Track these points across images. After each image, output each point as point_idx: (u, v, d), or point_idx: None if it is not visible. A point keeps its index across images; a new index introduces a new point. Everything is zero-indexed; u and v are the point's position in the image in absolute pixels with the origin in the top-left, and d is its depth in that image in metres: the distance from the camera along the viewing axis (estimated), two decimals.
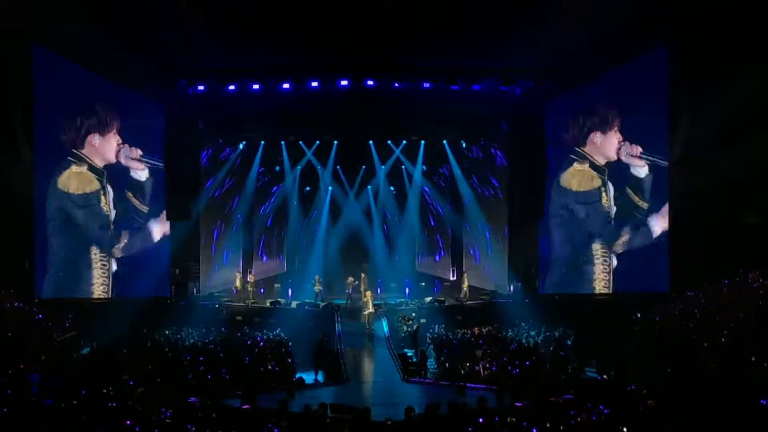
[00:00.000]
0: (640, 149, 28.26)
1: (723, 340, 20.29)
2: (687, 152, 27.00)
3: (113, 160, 28.15)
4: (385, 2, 23.36)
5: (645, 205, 28.56)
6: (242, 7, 23.42)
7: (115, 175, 28.34)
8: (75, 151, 27.67)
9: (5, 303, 24.42)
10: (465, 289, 32.09)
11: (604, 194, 28.66)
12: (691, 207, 27.19)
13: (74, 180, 27.79)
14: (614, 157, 28.53)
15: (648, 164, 28.35)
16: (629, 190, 28.60)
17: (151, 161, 28.55)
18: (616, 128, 28.43)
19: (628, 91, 28.08)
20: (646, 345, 22.45)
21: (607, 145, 28.52)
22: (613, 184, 28.71)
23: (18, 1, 23.20)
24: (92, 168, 27.94)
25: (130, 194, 28.50)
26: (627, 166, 28.55)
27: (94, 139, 27.78)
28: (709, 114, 25.51)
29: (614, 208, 28.74)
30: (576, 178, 28.82)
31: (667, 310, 25.35)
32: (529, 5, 23.09)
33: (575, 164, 28.75)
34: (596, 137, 28.53)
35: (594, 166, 28.67)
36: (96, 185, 28.06)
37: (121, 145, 28.12)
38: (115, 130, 28.02)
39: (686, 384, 16.76)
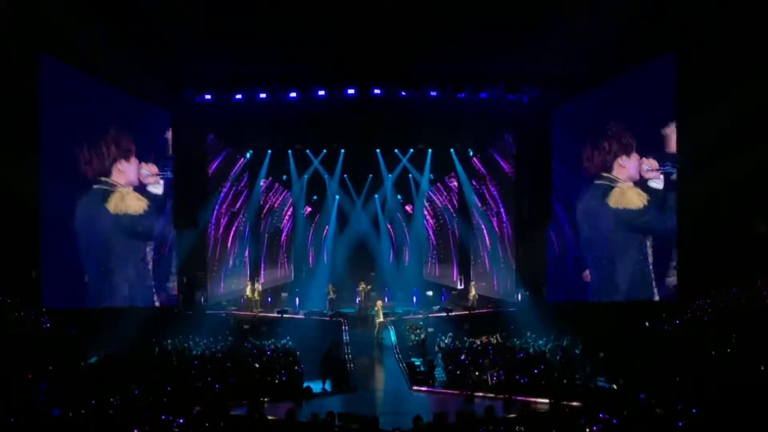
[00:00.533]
0: (656, 163, 28.05)
1: (730, 350, 20.20)
2: (695, 160, 26.89)
3: (136, 182, 28.09)
4: (392, 11, 23.37)
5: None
6: (249, 16, 23.45)
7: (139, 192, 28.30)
8: (103, 178, 27.61)
9: (13, 312, 24.39)
10: (472, 298, 32.14)
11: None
12: (698, 215, 27.05)
13: (128, 201, 27.91)
14: (637, 177, 28.26)
15: (663, 175, 28.15)
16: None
17: (163, 174, 28.48)
18: (633, 147, 28.19)
19: (636, 98, 27.97)
20: (655, 354, 22.33)
21: (630, 165, 28.28)
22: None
23: (25, 10, 23.24)
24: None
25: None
26: (646, 181, 28.34)
27: (121, 164, 27.75)
28: (717, 121, 25.42)
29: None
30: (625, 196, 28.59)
31: (675, 319, 25.25)
32: (536, 13, 23.09)
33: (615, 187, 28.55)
34: (622, 160, 28.30)
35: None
36: (144, 204, 28.18)
37: (140, 165, 28.08)
38: (134, 153, 27.99)
39: (695, 393, 16.67)
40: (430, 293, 36.11)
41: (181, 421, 14.22)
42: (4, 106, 25.20)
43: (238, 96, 28.37)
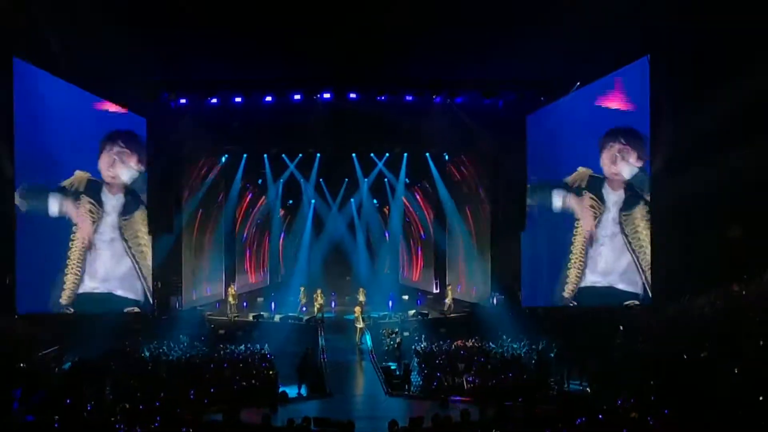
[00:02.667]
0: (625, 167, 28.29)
1: (704, 354, 20.33)
2: (668, 163, 27.08)
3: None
4: (368, 15, 23.43)
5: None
6: (224, 21, 23.43)
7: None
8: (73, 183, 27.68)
9: None
10: (449, 302, 32.20)
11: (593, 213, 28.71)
12: (672, 217, 27.26)
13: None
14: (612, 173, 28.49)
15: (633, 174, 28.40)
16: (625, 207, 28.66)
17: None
18: (611, 145, 28.40)
19: (610, 102, 28.17)
20: (629, 357, 22.45)
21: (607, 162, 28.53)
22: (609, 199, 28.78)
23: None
24: None
25: None
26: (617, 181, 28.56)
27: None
28: (690, 123, 25.62)
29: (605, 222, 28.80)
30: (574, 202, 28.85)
31: (649, 322, 25.42)
32: (512, 18, 23.23)
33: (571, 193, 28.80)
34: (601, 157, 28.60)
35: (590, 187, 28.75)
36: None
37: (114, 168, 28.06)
38: (109, 158, 27.98)
39: (669, 396, 16.77)
40: (405, 297, 36.16)
41: (156, 427, 14.17)
42: None
43: (214, 100, 28.32)
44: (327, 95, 28.02)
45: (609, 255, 28.75)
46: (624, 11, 23.26)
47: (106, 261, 28.18)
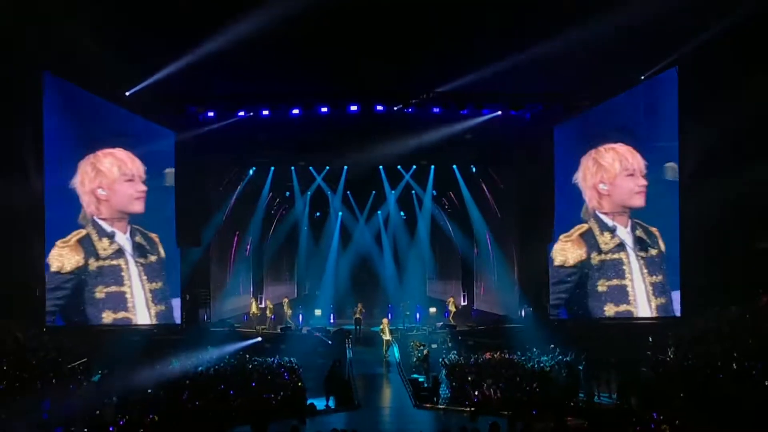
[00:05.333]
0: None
1: (735, 365, 20.13)
2: (697, 174, 26.90)
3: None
4: (394, 29, 23.48)
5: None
6: (251, 35, 23.53)
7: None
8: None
9: (16, 331, 24.42)
10: (450, 312, 32.95)
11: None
12: (701, 229, 27.04)
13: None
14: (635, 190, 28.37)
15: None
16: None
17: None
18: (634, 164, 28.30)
19: (638, 113, 28.03)
20: (659, 370, 22.26)
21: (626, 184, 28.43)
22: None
23: (31, 27, 23.40)
24: None
25: None
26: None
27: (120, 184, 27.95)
28: (718, 135, 25.46)
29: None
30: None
31: (679, 335, 25.21)
32: (538, 30, 23.21)
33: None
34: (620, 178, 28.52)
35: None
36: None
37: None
38: (136, 172, 28.11)
39: (700, 409, 16.63)
40: (433, 310, 36.06)
41: None
42: (9, 124, 25.37)
43: (241, 113, 28.44)
44: (354, 108, 28.06)
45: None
46: (650, 23, 23.18)
47: None
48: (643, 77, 27.22)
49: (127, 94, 26.65)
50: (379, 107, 28.17)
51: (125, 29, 23.52)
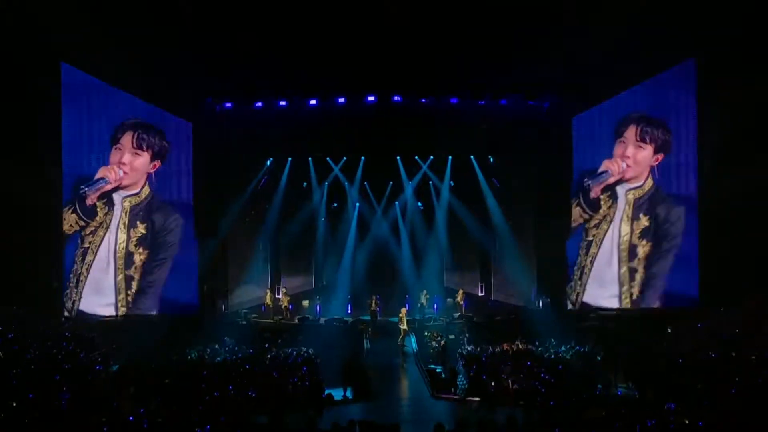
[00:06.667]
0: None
1: (754, 357, 20.01)
2: (717, 163, 26.75)
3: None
4: (411, 19, 23.43)
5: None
6: (269, 25, 23.55)
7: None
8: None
9: (35, 321, 24.57)
10: (458, 304, 33.19)
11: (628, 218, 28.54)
12: (721, 219, 26.89)
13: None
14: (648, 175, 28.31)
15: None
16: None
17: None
18: (650, 145, 28.20)
19: (656, 102, 27.90)
20: (677, 360, 22.16)
21: (642, 162, 28.33)
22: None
23: (48, 19, 23.48)
24: None
25: None
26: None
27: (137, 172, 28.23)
28: (737, 124, 25.31)
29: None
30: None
31: (697, 325, 25.08)
32: (557, 20, 23.12)
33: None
34: (632, 156, 28.40)
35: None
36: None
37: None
38: (153, 162, 28.32)
39: (719, 400, 16.52)
40: (450, 300, 36.00)
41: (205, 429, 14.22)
42: (26, 115, 25.47)
43: (259, 104, 28.46)
44: (371, 98, 28.03)
45: None
46: (669, 13, 23.07)
47: None
48: (661, 68, 27.11)
49: (145, 84, 26.76)
50: (397, 98, 28.13)
51: (143, 20, 23.60)
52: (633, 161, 28.43)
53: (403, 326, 28.57)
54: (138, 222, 28.16)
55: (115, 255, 28.04)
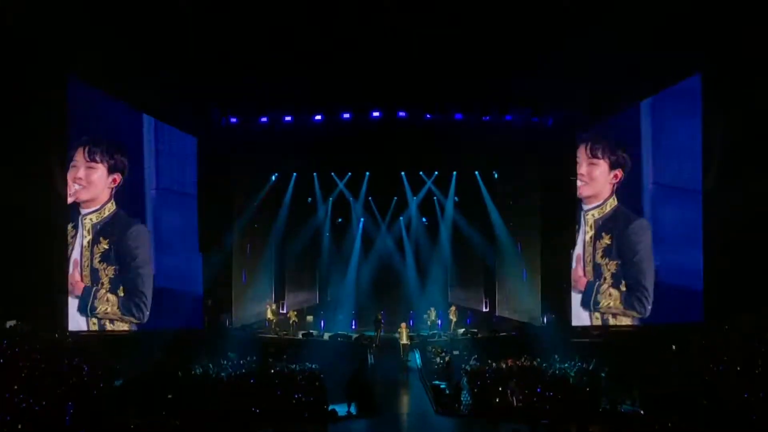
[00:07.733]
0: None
1: (758, 371, 19.97)
2: (721, 180, 26.73)
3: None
4: (416, 34, 23.52)
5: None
6: (274, 41, 23.65)
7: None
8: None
9: (39, 336, 24.57)
10: (450, 321, 33.15)
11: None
12: (724, 235, 26.82)
13: None
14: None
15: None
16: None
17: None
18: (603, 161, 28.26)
19: (661, 119, 27.88)
20: (682, 377, 22.12)
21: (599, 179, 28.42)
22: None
23: (54, 32, 23.57)
24: None
25: None
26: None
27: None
28: (743, 142, 25.33)
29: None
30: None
31: (702, 342, 25.02)
32: (562, 36, 23.19)
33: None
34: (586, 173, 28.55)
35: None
36: None
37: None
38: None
39: (722, 417, 16.52)
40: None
41: None
42: (33, 128, 25.51)
43: (264, 119, 28.54)
44: (376, 114, 28.11)
45: None
46: (673, 29, 23.13)
47: None
48: (666, 84, 27.12)
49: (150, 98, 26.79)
50: (402, 113, 28.21)
51: (149, 35, 23.70)
52: (588, 178, 28.46)
53: (403, 341, 28.56)
54: (101, 238, 27.62)
55: (81, 271, 27.47)
